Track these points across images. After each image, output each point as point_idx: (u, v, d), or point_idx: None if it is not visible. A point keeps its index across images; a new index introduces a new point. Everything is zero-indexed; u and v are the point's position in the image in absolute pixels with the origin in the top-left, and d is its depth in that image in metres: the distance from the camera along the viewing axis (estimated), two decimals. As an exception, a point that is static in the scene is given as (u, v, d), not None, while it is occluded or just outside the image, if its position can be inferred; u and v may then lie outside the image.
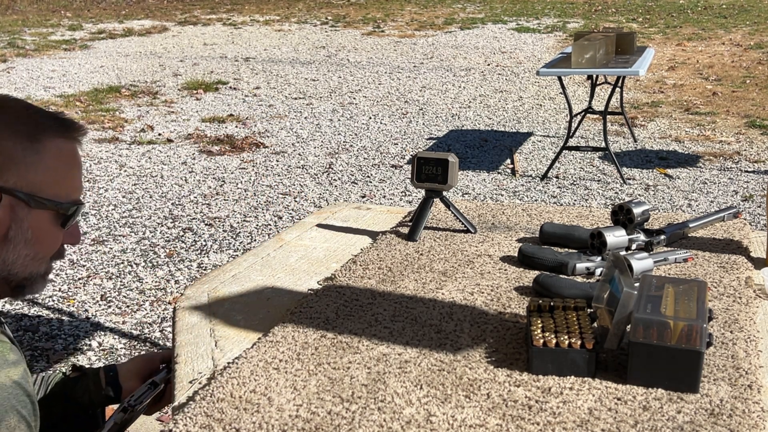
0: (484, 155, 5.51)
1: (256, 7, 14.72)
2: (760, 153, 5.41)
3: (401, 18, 13.24)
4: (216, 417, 0.84)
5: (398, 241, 1.37)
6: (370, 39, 11.18)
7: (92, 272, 3.62)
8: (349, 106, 7.05)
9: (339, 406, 0.85)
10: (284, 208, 4.52)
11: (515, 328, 1.03)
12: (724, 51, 9.41)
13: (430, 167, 1.37)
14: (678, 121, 6.34)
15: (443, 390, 0.88)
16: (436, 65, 9.10)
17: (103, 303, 3.33)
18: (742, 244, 1.31)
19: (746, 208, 4.32)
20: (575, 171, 5.13)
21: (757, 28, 11.03)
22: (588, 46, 4.62)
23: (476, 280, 1.19)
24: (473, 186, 4.85)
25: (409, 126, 6.34)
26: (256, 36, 11.56)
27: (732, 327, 1.02)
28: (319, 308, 1.11)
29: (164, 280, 3.53)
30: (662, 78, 7.98)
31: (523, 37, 11.05)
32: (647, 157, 5.37)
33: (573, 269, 1.18)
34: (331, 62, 9.38)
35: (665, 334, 0.86)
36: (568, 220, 1.45)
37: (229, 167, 5.27)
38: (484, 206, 1.56)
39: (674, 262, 1.23)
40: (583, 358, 0.90)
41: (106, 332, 3.11)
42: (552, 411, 0.84)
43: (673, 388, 0.87)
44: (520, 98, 7.29)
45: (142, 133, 6.08)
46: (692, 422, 0.81)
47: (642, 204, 1.26)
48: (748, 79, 7.78)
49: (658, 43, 9.86)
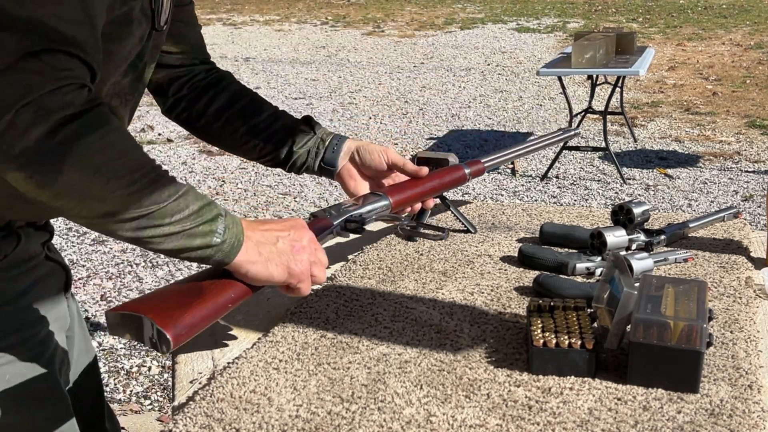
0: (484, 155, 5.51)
1: (256, 7, 14.72)
2: (760, 153, 5.41)
3: (401, 18, 13.24)
4: (216, 417, 0.84)
5: (398, 241, 1.37)
6: (370, 39, 11.18)
7: (92, 272, 3.62)
8: (349, 106, 7.05)
9: (339, 406, 0.85)
10: (284, 208, 4.52)
11: (515, 328, 1.03)
12: (725, 51, 9.42)
13: (430, 167, 1.37)
14: (678, 121, 6.35)
15: (443, 390, 0.88)
16: (436, 65, 9.11)
17: (103, 303, 3.33)
18: (742, 244, 1.31)
19: (746, 208, 4.33)
20: (575, 171, 5.13)
21: (757, 28, 11.03)
22: (588, 46, 4.62)
23: (476, 280, 1.19)
24: (473, 186, 4.85)
25: (409, 126, 6.34)
26: (256, 36, 11.56)
27: (732, 327, 1.02)
28: (319, 308, 1.11)
29: (164, 280, 3.53)
30: (662, 78, 7.98)
31: (523, 37, 11.05)
32: (647, 157, 5.38)
33: (573, 269, 1.18)
34: (331, 62, 9.38)
35: (665, 335, 0.86)
36: (568, 220, 1.45)
37: (229, 167, 5.28)
38: (484, 206, 1.56)
39: (674, 262, 1.23)
40: (583, 358, 0.90)
41: (106, 332, 3.11)
42: (552, 411, 0.84)
43: (673, 388, 0.87)
44: (520, 98, 7.30)
45: (142, 133, 6.08)
46: (692, 422, 0.81)
47: (642, 204, 1.26)
48: (748, 79, 7.78)
49: (658, 43, 9.87)
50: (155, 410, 2.60)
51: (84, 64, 0.79)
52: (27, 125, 0.73)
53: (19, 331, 0.99)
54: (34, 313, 1.02)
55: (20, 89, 0.73)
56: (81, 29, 0.78)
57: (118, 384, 2.73)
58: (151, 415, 2.56)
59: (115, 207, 0.79)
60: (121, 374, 2.79)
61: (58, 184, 0.76)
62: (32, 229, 1.04)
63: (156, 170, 0.82)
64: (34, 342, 1.01)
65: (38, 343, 1.01)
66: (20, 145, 0.73)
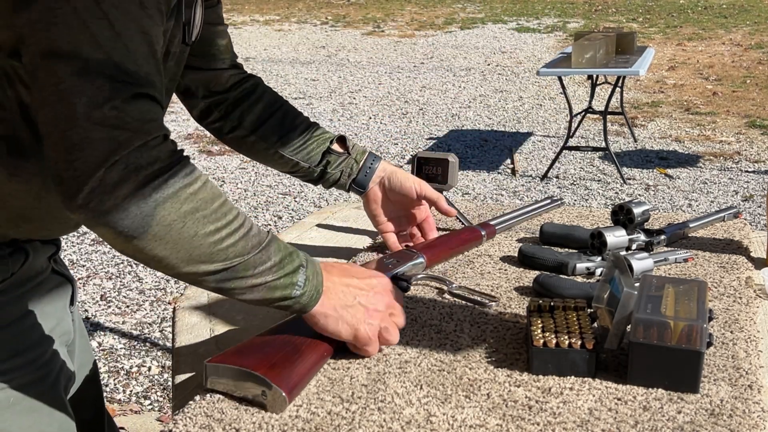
0: (484, 155, 5.51)
1: (256, 7, 14.72)
2: (761, 153, 5.41)
3: (401, 18, 13.24)
4: (216, 417, 0.84)
5: (398, 241, 1.36)
6: (370, 39, 11.18)
7: (92, 272, 3.62)
8: (349, 106, 7.05)
9: (339, 406, 0.85)
10: (284, 208, 4.52)
11: (515, 328, 1.03)
12: (725, 51, 9.42)
13: (430, 167, 1.37)
14: (678, 121, 6.35)
15: (443, 390, 0.88)
16: (436, 65, 9.11)
17: (102, 303, 3.33)
18: (743, 244, 1.31)
19: (746, 208, 4.33)
20: (575, 171, 5.13)
21: (757, 28, 11.03)
22: (588, 46, 4.62)
23: (476, 280, 1.19)
24: (473, 186, 4.85)
25: (409, 126, 6.34)
26: (256, 36, 11.56)
27: (732, 327, 1.02)
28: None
29: (164, 280, 3.53)
30: (662, 78, 7.98)
31: (523, 37, 11.05)
32: (647, 157, 5.37)
33: (573, 269, 1.18)
34: (331, 62, 9.38)
35: (665, 335, 0.86)
36: (568, 220, 1.45)
37: (229, 167, 5.28)
38: (484, 206, 1.56)
39: (674, 262, 1.23)
40: (584, 358, 0.89)
41: (105, 332, 3.11)
42: (552, 411, 0.84)
43: (674, 388, 0.87)
44: (520, 98, 7.30)
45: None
46: (692, 422, 0.81)
47: (642, 204, 1.26)
48: (749, 79, 7.78)
49: (658, 43, 9.86)
50: (155, 410, 2.60)
51: (159, 103, 0.79)
52: (116, 183, 0.74)
53: (25, 352, 0.97)
54: (40, 332, 1.00)
55: (108, 146, 0.73)
56: (150, 64, 0.78)
57: (118, 384, 2.73)
58: (151, 415, 2.57)
59: (201, 260, 0.80)
60: (121, 374, 2.79)
61: (146, 240, 0.76)
62: (39, 243, 1.02)
63: (239, 220, 0.83)
64: (41, 363, 0.99)
65: (44, 364, 0.99)
66: (109, 203, 0.74)
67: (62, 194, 0.75)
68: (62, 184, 0.74)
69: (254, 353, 0.89)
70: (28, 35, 0.75)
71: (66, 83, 0.73)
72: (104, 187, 0.73)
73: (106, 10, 0.74)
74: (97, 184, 0.73)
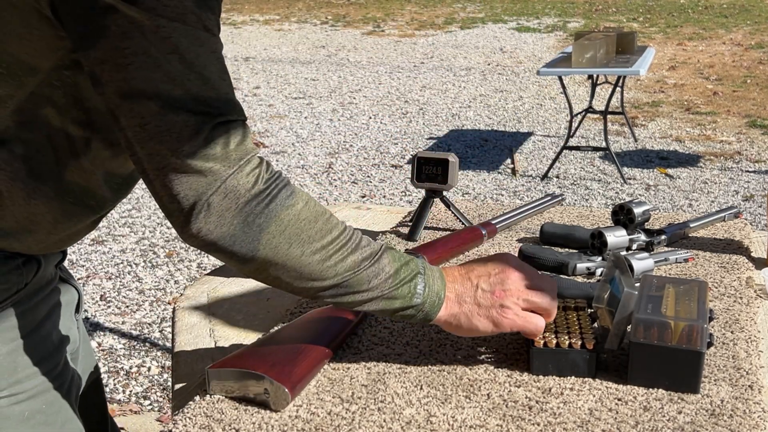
0: (484, 155, 5.51)
1: (256, 7, 14.71)
2: (761, 153, 5.41)
3: (401, 17, 13.23)
4: (216, 417, 0.84)
5: (398, 241, 1.37)
6: (370, 39, 11.18)
7: (92, 272, 3.62)
8: (349, 106, 7.05)
9: (339, 406, 0.85)
10: (284, 208, 4.51)
11: (515, 329, 1.02)
12: (725, 51, 9.41)
13: (430, 167, 1.37)
14: (679, 120, 6.34)
15: (443, 390, 0.88)
16: (436, 65, 9.10)
17: (102, 303, 3.33)
18: (743, 244, 1.31)
19: (747, 208, 4.32)
20: (576, 171, 5.13)
21: (757, 28, 11.03)
22: (588, 46, 4.62)
23: (476, 280, 1.19)
24: (473, 186, 4.85)
25: (409, 126, 6.34)
26: (256, 35, 11.56)
27: (733, 327, 1.01)
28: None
29: (164, 280, 3.53)
30: (663, 78, 7.98)
31: (523, 36, 11.05)
32: (648, 157, 5.37)
33: (573, 269, 1.18)
34: (331, 62, 9.38)
35: (666, 335, 0.85)
36: (569, 220, 1.45)
37: (229, 167, 5.27)
38: (484, 206, 1.56)
39: (675, 262, 1.23)
40: (584, 358, 0.89)
41: (105, 332, 3.11)
42: (552, 411, 0.84)
43: (674, 388, 0.87)
44: (521, 98, 7.29)
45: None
46: (693, 422, 0.81)
47: (643, 204, 1.26)
48: (749, 79, 7.77)
49: (658, 43, 9.86)
50: (155, 410, 2.60)
51: (243, 123, 0.80)
52: (220, 211, 0.76)
53: (40, 363, 0.95)
54: (53, 342, 0.99)
55: (204, 179, 0.75)
56: (225, 81, 0.78)
57: (118, 384, 2.73)
58: (151, 416, 2.56)
59: (312, 278, 0.82)
60: (120, 374, 2.79)
61: (257, 263, 0.79)
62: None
63: (346, 235, 0.84)
64: (55, 374, 0.97)
65: (59, 375, 0.98)
66: (216, 232, 0.77)
67: (174, 227, 0.78)
68: (171, 217, 0.78)
69: (255, 356, 0.89)
70: (100, 74, 0.75)
71: (151, 123, 0.74)
72: (209, 216, 0.76)
73: (176, 44, 0.74)
74: (202, 215, 0.76)
